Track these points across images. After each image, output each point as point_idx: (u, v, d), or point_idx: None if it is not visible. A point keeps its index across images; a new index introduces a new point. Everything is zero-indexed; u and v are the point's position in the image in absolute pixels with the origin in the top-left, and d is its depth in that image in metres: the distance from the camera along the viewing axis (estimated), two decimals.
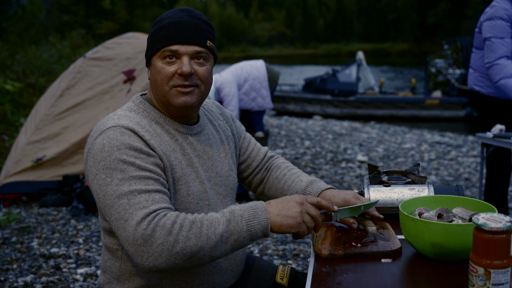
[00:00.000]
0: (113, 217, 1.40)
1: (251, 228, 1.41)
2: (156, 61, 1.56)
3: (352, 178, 6.27)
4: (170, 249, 1.34)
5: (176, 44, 1.53)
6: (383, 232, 1.62)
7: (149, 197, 1.41)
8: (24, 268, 3.69)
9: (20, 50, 13.16)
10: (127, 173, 1.42)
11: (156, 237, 1.34)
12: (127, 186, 1.41)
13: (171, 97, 1.56)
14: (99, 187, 1.44)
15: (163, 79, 1.55)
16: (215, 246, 1.38)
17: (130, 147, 1.46)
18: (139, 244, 1.35)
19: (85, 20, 35.79)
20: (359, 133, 9.87)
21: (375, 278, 1.34)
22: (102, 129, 1.50)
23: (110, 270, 1.61)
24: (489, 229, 1.15)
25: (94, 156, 1.46)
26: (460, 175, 6.46)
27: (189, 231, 1.36)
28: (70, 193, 5.10)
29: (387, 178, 1.92)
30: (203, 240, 1.36)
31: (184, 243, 1.35)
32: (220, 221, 1.40)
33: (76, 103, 5.55)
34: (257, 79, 6.22)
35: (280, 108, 13.76)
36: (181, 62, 1.54)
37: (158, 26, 1.57)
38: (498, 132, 3.82)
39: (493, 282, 1.17)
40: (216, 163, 1.70)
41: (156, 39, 1.56)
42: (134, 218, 1.36)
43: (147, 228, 1.35)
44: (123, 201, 1.39)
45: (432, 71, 13.41)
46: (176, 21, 1.55)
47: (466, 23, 47.47)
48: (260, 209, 1.43)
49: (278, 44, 72.74)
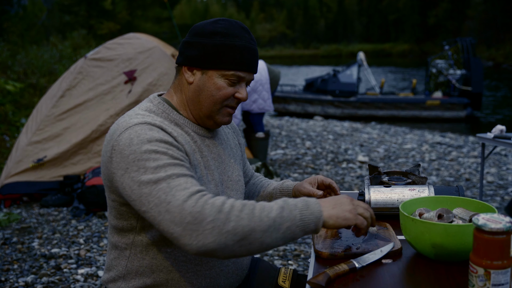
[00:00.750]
0: (152, 203, 1.35)
1: (305, 218, 1.37)
2: (217, 76, 1.55)
3: (353, 178, 6.27)
4: (221, 227, 1.29)
5: (245, 71, 1.57)
6: (384, 232, 1.62)
7: (188, 180, 1.38)
8: (24, 268, 3.69)
9: (21, 51, 13.16)
10: (161, 161, 1.40)
11: (206, 214, 1.30)
12: (164, 172, 1.38)
13: (219, 114, 1.59)
14: (132, 179, 1.39)
15: (221, 97, 1.56)
16: (267, 230, 1.33)
17: (161, 140, 1.44)
18: (188, 222, 1.30)
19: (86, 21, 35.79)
20: (360, 134, 9.87)
21: (375, 279, 1.34)
22: (126, 125, 1.47)
23: (116, 269, 1.60)
24: (489, 229, 1.15)
25: (121, 152, 1.42)
26: (461, 176, 6.46)
27: (241, 211, 1.33)
28: (71, 193, 5.10)
29: (387, 178, 1.93)
30: (255, 221, 1.32)
31: (236, 222, 1.31)
32: (273, 207, 1.37)
33: (77, 104, 5.56)
34: (259, 81, 6.22)
35: (281, 109, 13.77)
36: (240, 87, 1.58)
37: (230, 43, 1.53)
38: (499, 132, 3.83)
39: (493, 283, 1.17)
40: (228, 167, 1.70)
41: (228, 57, 1.53)
42: (178, 198, 1.33)
43: (195, 205, 1.31)
44: (162, 185, 1.35)
45: (433, 72, 13.40)
46: (248, 46, 1.56)
47: (467, 23, 47.46)
48: (313, 202, 1.41)
49: (279, 44, 72.79)
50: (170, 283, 1.56)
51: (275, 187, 1.93)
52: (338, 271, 1.35)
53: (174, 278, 1.55)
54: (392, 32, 66.36)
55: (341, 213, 1.41)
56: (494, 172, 6.63)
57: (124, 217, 1.54)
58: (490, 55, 38.11)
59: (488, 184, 6.04)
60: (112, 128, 1.52)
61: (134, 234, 1.55)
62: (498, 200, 5.39)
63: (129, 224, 1.54)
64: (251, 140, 6.45)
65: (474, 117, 13.10)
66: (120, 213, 1.54)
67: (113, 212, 1.56)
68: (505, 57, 36.99)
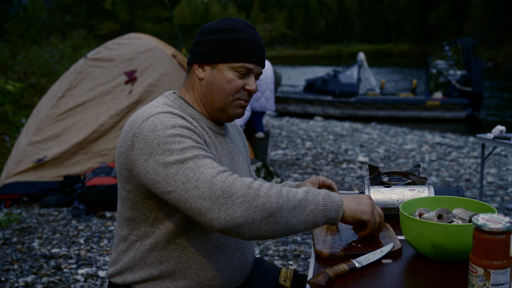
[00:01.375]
0: (179, 181, 1.38)
1: (327, 204, 1.44)
2: (226, 69, 1.60)
3: (353, 179, 6.27)
4: (251, 202, 1.35)
5: (254, 63, 1.61)
6: (384, 232, 1.62)
7: (213, 161, 1.44)
8: (25, 268, 3.69)
9: (21, 51, 13.17)
10: (187, 143, 1.44)
11: (236, 189, 1.35)
12: (190, 152, 1.42)
13: (231, 107, 1.63)
14: (157, 162, 1.42)
15: (232, 90, 1.61)
16: (293, 210, 1.39)
17: (184, 126, 1.49)
18: (218, 196, 1.34)
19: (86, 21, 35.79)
20: (360, 134, 9.87)
21: (375, 279, 1.34)
22: (148, 114, 1.50)
23: (123, 261, 1.62)
24: (488, 229, 1.16)
25: (144, 138, 1.45)
26: (461, 176, 6.47)
27: (269, 190, 1.39)
28: (71, 193, 5.10)
29: (387, 179, 1.93)
30: (283, 200, 1.38)
31: (265, 199, 1.36)
32: (299, 191, 1.44)
33: (77, 104, 5.56)
34: (264, 80, 6.21)
35: (281, 109, 13.77)
36: (250, 79, 1.63)
37: (237, 37, 1.59)
38: (499, 133, 3.83)
39: (492, 283, 1.17)
40: (238, 165, 1.74)
41: (236, 50, 1.59)
42: (207, 174, 1.37)
43: (225, 180, 1.36)
44: (189, 164, 1.40)
45: (433, 72, 13.40)
46: (255, 40, 1.62)
47: (467, 24, 47.45)
48: (334, 193, 1.49)
49: (279, 45, 72.76)
50: (177, 275, 1.58)
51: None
52: (338, 271, 1.36)
53: (181, 270, 1.58)
54: (393, 33, 66.36)
55: (359, 206, 1.49)
56: (494, 173, 6.64)
57: (138, 208, 1.56)
58: (490, 56, 38.12)
59: (488, 185, 6.04)
60: (131, 119, 1.55)
61: (146, 226, 1.57)
62: (498, 200, 5.40)
63: (142, 215, 1.57)
64: (251, 140, 6.45)
65: (474, 118, 13.10)
66: (134, 204, 1.56)
67: (127, 203, 1.58)
68: (505, 58, 36.99)
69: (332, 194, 1.47)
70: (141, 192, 1.53)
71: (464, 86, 12.80)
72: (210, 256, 1.60)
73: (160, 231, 1.56)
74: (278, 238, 1.55)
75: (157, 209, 1.54)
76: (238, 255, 1.68)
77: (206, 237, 1.59)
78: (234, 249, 1.66)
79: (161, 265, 1.58)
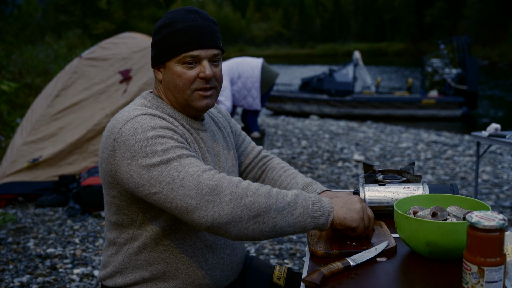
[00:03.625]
0: (164, 182, 1.37)
1: (317, 209, 1.43)
2: (174, 65, 1.57)
3: (349, 177, 6.28)
4: (238, 200, 1.33)
5: (196, 49, 1.55)
6: (378, 231, 1.62)
7: (198, 160, 1.42)
8: (20, 268, 3.68)
9: (16, 50, 13.13)
10: (169, 144, 1.43)
11: (223, 187, 1.34)
12: (173, 153, 1.41)
13: (193, 100, 1.59)
14: (140, 165, 1.40)
15: (185, 83, 1.57)
16: (281, 212, 1.38)
17: (165, 127, 1.48)
18: (205, 193, 1.33)
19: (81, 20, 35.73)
20: (355, 133, 9.88)
21: (370, 277, 1.34)
22: (127, 118, 1.49)
23: (113, 264, 1.62)
24: (482, 227, 1.16)
25: (125, 142, 1.43)
26: (456, 174, 6.48)
27: (258, 189, 1.37)
28: (67, 193, 5.09)
29: (382, 177, 1.93)
30: (272, 200, 1.37)
31: (254, 198, 1.35)
32: (289, 193, 1.43)
33: (72, 103, 5.54)
34: (250, 78, 6.20)
35: (277, 108, 13.77)
36: (202, 66, 1.57)
37: (173, 29, 1.55)
38: (494, 131, 3.84)
39: (486, 280, 1.17)
40: (222, 159, 1.72)
41: (173, 43, 1.55)
42: (192, 173, 1.36)
43: (212, 178, 1.35)
44: (173, 164, 1.38)
45: (429, 71, 13.43)
46: (192, 24, 1.55)
47: (463, 23, 47.56)
48: (324, 198, 1.48)
49: (275, 44, 72.76)
50: (167, 275, 1.58)
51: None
52: (332, 269, 1.36)
53: (171, 270, 1.58)
54: (388, 31, 66.47)
55: (349, 214, 1.47)
56: (490, 171, 6.65)
57: (124, 212, 1.56)
58: (485, 54, 38.22)
59: (483, 183, 6.06)
60: (110, 124, 1.53)
61: (133, 229, 1.57)
62: (493, 198, 5.41)
63: (129, 219, 1.56)
64: None
65: (469, 116, 13.13)
66: (120, 209, 1.56)
67: (113, 209, 1.58)
68: (501, 56, 37.11)
69: (323, 199, 1.46)
70: (126, 197, 1.52)
71: (459, 84, 12.83)
72: (200, 255, 1.60)
73: (147, 234, 1.55)
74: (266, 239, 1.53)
75: (143, 212, 1.54)
76: (228, 252, 1.67)
77: (194, 237, 1.58)
78: (223, 246, 1.66)
79: (151, 267, 1.57)
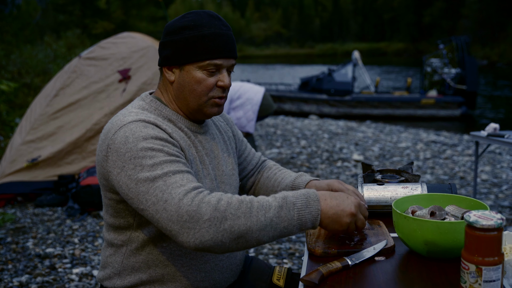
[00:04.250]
0: (150, 201, 1.36)
1: (302, 218, 1.39)
2: (194, 70, 1.55)
3: (348, 177, 6.28)
4: (218, 225, 1.31)
5: (221, 58, 1.54)
6: (377, 230, 1.63)
7: (184, 177, 1.40)
8: (19, 268, 3.68)
9: (15, 50, 13.12)
10: (158, 158, 1.41)
11: (202, 213, 1.32)
12: (160, 169, 1.39)
13: (207, 106, 1.58)
14: (129, 177, 1.40)
15: (204, 90, 1.55)
16: (264, 229, 1.35)
17: (156, 137, 1.45)
18: (185, 221, 1.32)
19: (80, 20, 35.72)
20: (355, 133, 9.88)
21: (368, 276, 1.35)
22: (121, 124, 1.48)
23: (112, 266, 1.61)
24: (480, 226, 1.16)
25: (117, 150, 1.43)
26: (455, 174, 6.48)
27: (237, 209, 1.34)
28: (66, 193, 5.09)
29: (380, 176, 1.93)
30: (252, 221, 1.34)
31: (233, 221, 1.32)
32: (272, 205, 1.38)
33: (71, 103, 5.54)
34: (250, 100, 6.10)
35: (276, 108, 13.76)
36: (222, 75, 1.56)
37: (199, 34, 1.52)
38: (492, 131, 3.84)
39: (484, 279, 1.17)
40: (222, 162, 1.71)
41: (199, 48, 1.52)
42: (174, 196, 1.34)
43: (191, 203, 1.33)
44: (158, 183, 1.37)
45: (428, 71, 13.44)
46: (218, 32, 1.54)
47: (462, 22, 47.59)
48: (313, 199, 1.42)
49: (274, 43, 72.80)
50: (166, 278, 1.57)
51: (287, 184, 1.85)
52: (331, 269, 1.36)
53: (170, 273, 1.57)
54: (387, 31, 66.51)
55: (332, 225, 1.43)
56: (489, 170, 6.66)
57: (121, 215, 1.55)
58: (484, 54, 38.25)
59: (482, 182, 6.06)
60: (106, 127, 1.52)
61: (131, 231, 1.56)
62: (492, 198, 5.41)
63: (126, 222, 1.56)
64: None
65: (468, 116, 13.13)
66: (117, 211, 1.55)
67: (110, 211, 1.57)
68: (500, 56, 37.14)
69: (310, 202, 1.42)
70: (122, 200, 1.52)
71: (458, 84, 12.84)
72: (198, 257, 1.59)
73: (145, 236, 1.55)
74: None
75: (139, 215, 1.53)
76: (227, 254, 1.66)
77: None
78: None
79: (149, 269, 1.56)
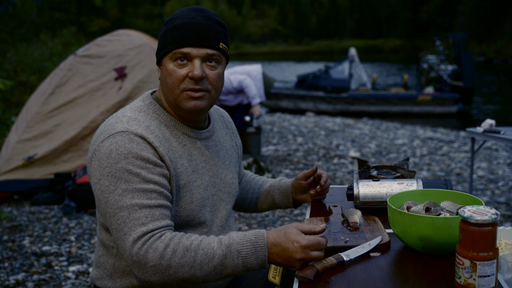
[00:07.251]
0: (113, 226, 1.42)
1: (247, 264, 1.41)
2: (167, 62, 1.53)
3: (344, 174, 6.29)
4: (163, 272, 1.38)
5: (188, 46, 1.50)
6: (372, 226, 1.63)
7: (149, 213, 1.41)
8: (15, 266, 3.67)
9: (11, 48, 13.07)
10: (131, 184, 1.42)
11: (148, 259, 1.37)
12: (129, 198, 1.41)
13: (181, 100, 1.54)
14: (101, 193, 1.44)
15: (174, 81, 1.52)
16: (208, 276, 1.41)
17: (138, 157, 1.44)
18: (134, 261, 1.39)
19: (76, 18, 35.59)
20: (351, 129, 9.89)
21: (363, 272, 1.35)
22: (110, 132, 1.47)
23: (104, 266, 1.61)
24: (475, 221, 1.16)
25: (99, 160, 1.45)
26: (452, 170, 6.49)
27: (181, 258, 1.38)
28: (62, 191, 5.08)
29: (376, 172, 1.93)
30: (196, 269, 1.39)
31: (176, 269, 1.38)
32: (216, 253, 1.40)
33: (67, 101, 5.52)
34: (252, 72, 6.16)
35: (273, 105, 13.76)
36: (193, 65, 1.50)
37: (170, 26, 1.53)
38: (488, 127, 3.85)
39: (479, 274, 1.18)
40: (221, 170, 1.70)
41: (167, 39, 1.52)
42: (131, 234, 1.39)
43: (141, 248, 1.38)
44: (123, 213, 1.41)
45: (424, 67, 13.44)
46: (189, 21, 1.51)
47: (459, 19, 47.60)
48: (260, 245, 1.41)
49: (271, 41, 72.71)
50: (156, 285, 1.56)
51: (272, 185, 1.97)
52: (326, 265, 1.36)
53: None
54: (384, 28, 66.50)
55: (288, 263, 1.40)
56: (485, 167, 6.67)
57: None
58: (481, 51, 38.29)
59: (478, 179, 6.07)
60: (100, 129, 1.53)
61: None
62: (488, 194, 5.43)
63: None
64: (242, 136, 6.40)
65: (465, 112, 13.15)
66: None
67: (101, 213, 1.56)
68: (496, 53, 37.18)
69: (258, 247, 1.40)
70: None
71: (455, 81, 12.85)
72: None
73: None
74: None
75: None
76: None
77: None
78: None
79: None
